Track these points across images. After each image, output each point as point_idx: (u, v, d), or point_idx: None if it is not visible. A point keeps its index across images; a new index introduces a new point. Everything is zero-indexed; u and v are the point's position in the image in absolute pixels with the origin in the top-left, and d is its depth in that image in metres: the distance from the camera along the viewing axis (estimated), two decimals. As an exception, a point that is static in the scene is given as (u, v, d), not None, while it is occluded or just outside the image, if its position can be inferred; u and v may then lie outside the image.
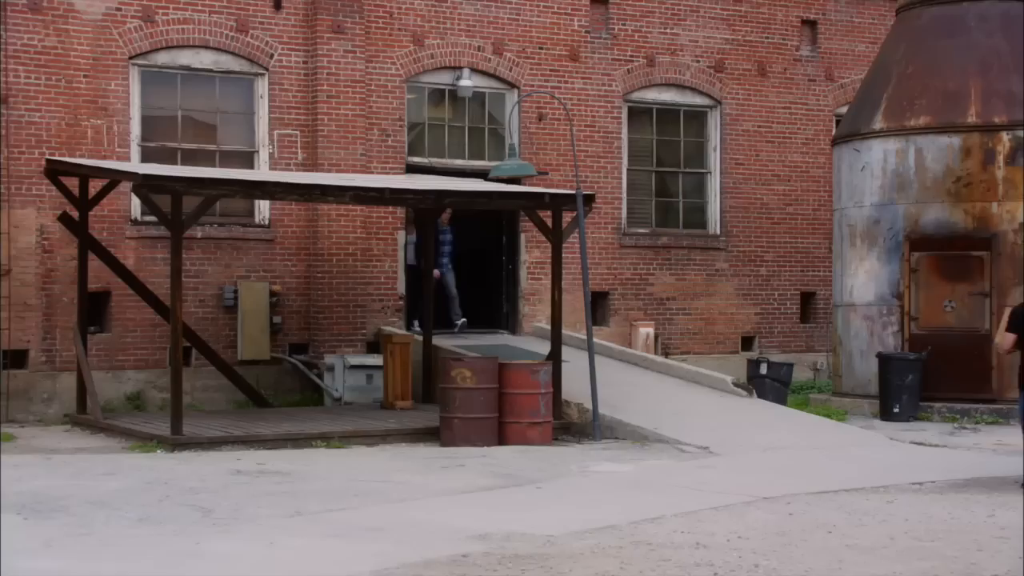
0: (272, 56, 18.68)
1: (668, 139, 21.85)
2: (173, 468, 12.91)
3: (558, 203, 16.26)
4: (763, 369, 18.18)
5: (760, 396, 17.75)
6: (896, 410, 17.55)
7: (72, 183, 16.53)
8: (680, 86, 21.78)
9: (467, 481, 12.36)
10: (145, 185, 14.29)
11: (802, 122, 22.76)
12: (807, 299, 22.81)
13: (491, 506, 10.97)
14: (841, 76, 23.03)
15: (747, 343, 22.19)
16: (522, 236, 20.30)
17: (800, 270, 22.74)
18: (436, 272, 19.03)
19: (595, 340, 19.13)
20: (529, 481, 12.45)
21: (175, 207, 14.34)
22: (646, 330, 20.83)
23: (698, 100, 22.01)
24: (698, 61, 21.87)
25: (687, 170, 22.00)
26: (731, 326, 22.05)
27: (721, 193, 22.14)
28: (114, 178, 15.73)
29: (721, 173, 22.14)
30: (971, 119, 17.94)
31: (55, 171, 16.30)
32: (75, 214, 16.55)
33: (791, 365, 18.97)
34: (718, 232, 22.12)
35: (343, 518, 10.28)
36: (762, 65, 22.42)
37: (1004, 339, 12.67)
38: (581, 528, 9.86)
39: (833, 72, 23.05)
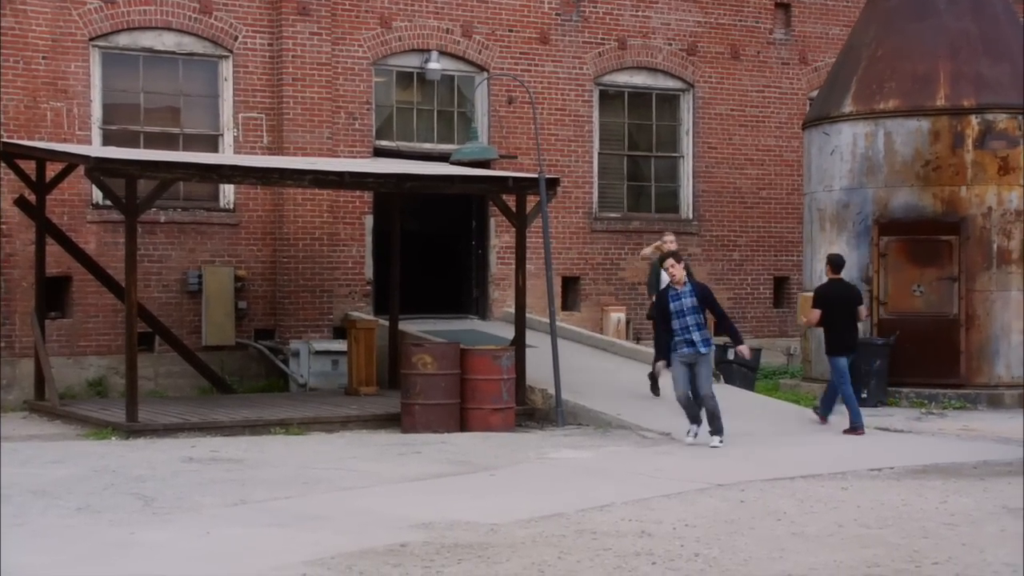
0: (236, 38, 18.47)
1: (640, 123, 21.68)
2: (124, 456, 12.75)
3: (522, 187, 16.09)
4: (730, 354, 18.01)
5: (727, 382, 17.62)
6: (864, 396, 17.37)
7: (29, 166, 16.32)
8: (652, 69, 21.61)
9: (421, 468, 12.21)
10: (98, 168, 14.09)
11: (775, 106, 22.61)
12: (780, 284, 22.69)
13: (440, 494, 10.82)
14: (815, 59, 22.87)
15: (716, 329, 21.97)
16: (491, 220, 20.13)
17: (773, 255, 22.60)
18: None
19: (564, 325, 19.09)
20: (484, 468, 12.31)
21: (129, 191, 14.14)
22: (617, 315, 20.68)
23: (670, 83, 21.83)
24: (670, 44, 21.69)
25: (659, 154, 21.83)
26: (704, 311, 21.83)
27: (694, 177, 21.98)
28: (68, 161, 15.53)
29: (694, 157, 21.98)
30: (940, 102, 17.78)
31: (10, 154, 16.09)
32: (32, 198, 16.34)
33: (759, 350, 18.83)
34: (691, 216, 21.96)
35: (287, 506, 10.13)
36: (735, 48, 22.24)
37: (811, 315, 15.47)
38: (528, 516, 9.72)
39: (807, 55, 22.89)
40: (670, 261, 13.97)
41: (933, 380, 17.56)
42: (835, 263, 15.59)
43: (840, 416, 15.24)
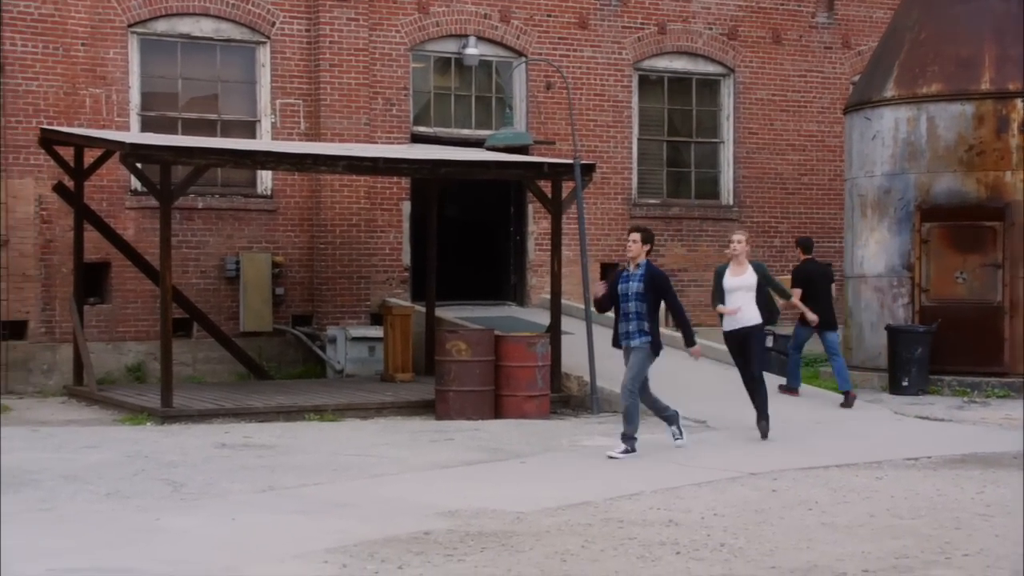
0: (274, 24, 18.47)
1: (680, 108, 21.51)
2: (157, 441, 12.78)
3: (557, 173, 15.99)
4: (768, 342, 17.82)
5: (766, 370, 17.36)
6: (905, 383, 17.21)
7: (68, 153, 16.40)
8: (692, 54, 21.42)
9: (451, 455, 12.16)
10: (132, 155, 14.13)
11: (818, 90, 22.35)
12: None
13: (468, 481, 10.76)
14: (859, 43, 22.58)
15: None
16: (529, 207, 20.03)
17: (816, 241, 22.28)
18: None
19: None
20: (515, 456, 12.24)
21: (164, 177, 14.17)
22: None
23: (711, 68, 21.63)
24: (711, 28, 21.48)
25: (699, 140, 21.65)
26: (740, 298, 21.66)
27: (734, 163, 21.79)
28: (103, 147, 15.59)
29: (734, 142, 21.78)
30: (984, 86, 17.49)
31: (49, 141, 16.17)
32: (71, 184, 16.42)
33: (797, 338, 18.57)
34: (731, 202, 21.77)
35: (315, 493, 10.11)
36: (777, 32, 22.00)
37: (794, 294, 15.68)
38: (555, 504, 9.65)
39: (850, 39, 22.60)
40: (632, 235, 12.41)
41: (976, 368, 17.31)
42: (805, 245, 16.84)
43: (882, 404, 15.06)
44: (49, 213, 17.17)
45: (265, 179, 18.47)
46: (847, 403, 15.76)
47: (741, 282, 13.28)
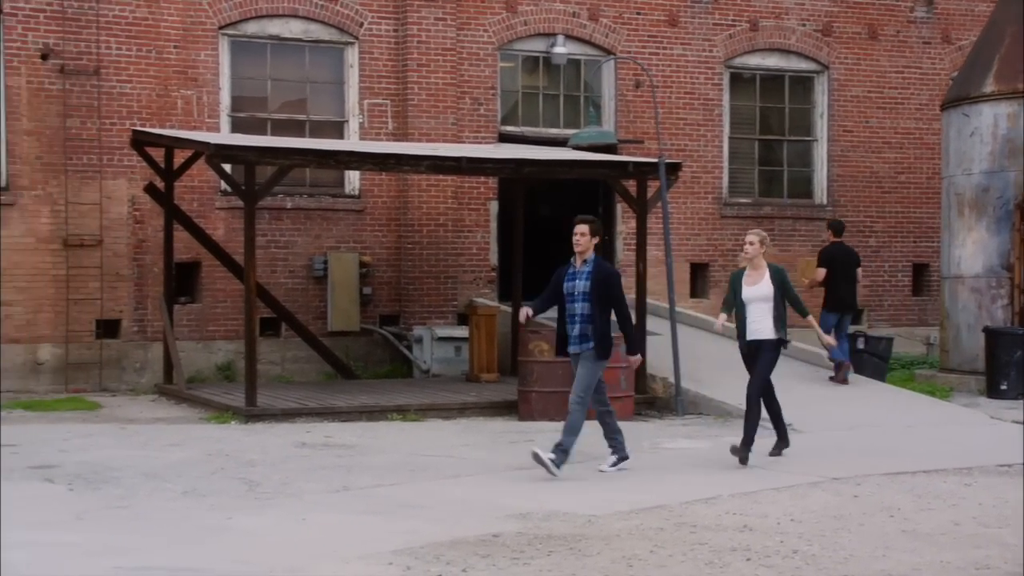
0: (362, 25, 18.53)
1: (772, 106, 21.18)
2: (239, 440, 12.88)
3: (642, 172, 15.82)
4: (860, 344, 17.49)
5: (857, 372, 17.08)
6: (1003, 387, 16.73)
7: (159, 154, 16.62)
8: (785, 51, 21.07)
9: (529, 457, 12.03)
10: (218, 155, 14.26)
11: (915, 87, 21.85)
12: (920, 271, 21.94)
13: (543, 483, 10.65)
14: (959, 38, 22.03)
15: (855, 316, 21.35)
16: (618, 207, 19.87)
17: (912, 241, 21.87)
18: None
19: (690, 312, 18.78)
20: (593, 457, 12.07)
21: (248, 177, 14.27)
22: (745, 303, 20.18)
23: (804, 65, 21.27)
24: (804, 25, 21.12)
25: (792, 138, 21.30)
26: (838, 298, 21.26)
27: (828, 161, 21.40)
28: (191, 148, 15.76)
29: (829, 141, 21.38)
30: (1087, 81, 16.95)
31: (140, 142, 16.40)
32: (161, 185, 16.63)
33: (891, 339, 18.21)
34: (825, 202, 21.38)
35: (388, 494, 10.09)
36: (873, 28, 21.56)
37: (818, 274, 16.55)
38: (628, 508, 9.50)
39: (950, 34, 22.07)
40: (579, 228, 11.09)
41: (1078, 372, 16.77)
42: (836, 228, 17.15)
43: (978, 408, 14.64)
44: (142, 213, 17.41)
45: (353, 179, 18.55)
46: (839, 377, 16.28)
47: (756, 292, 11.70)
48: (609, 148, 18.36)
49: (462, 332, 17.96)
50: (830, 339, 13.11)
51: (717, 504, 9.71)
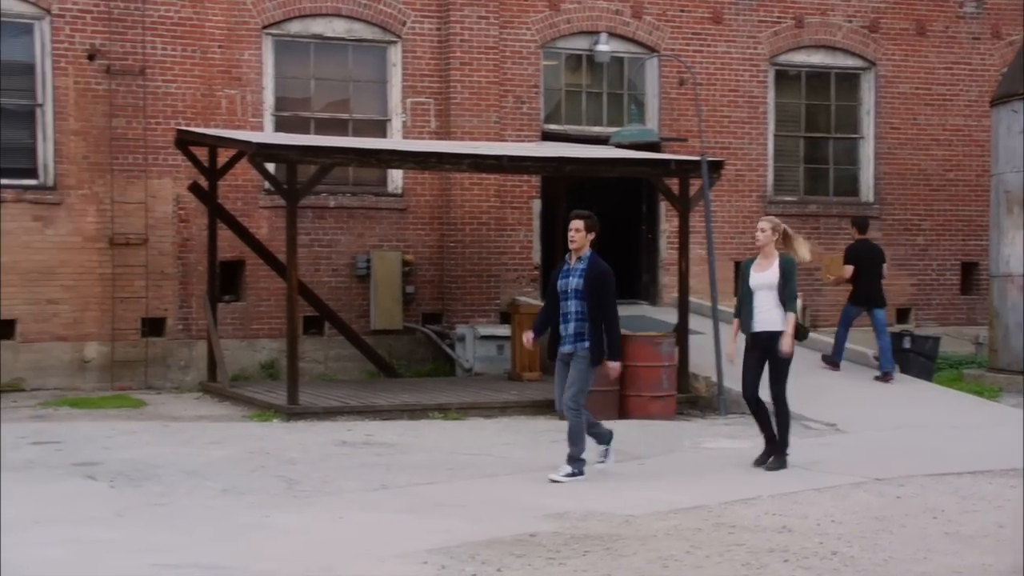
0: (405, 23, 18.55)
1: (818, 103, 20.99)
2: (280, 438, 12.92)
3: (685, 170, 15.73)
4: (906, 343, 17.31)
5: (903, 371, 16.91)
6: (1055, 389, 16.51)
7: (203, 153, 16.71)
8: (831, 48, 20.88)
9: (570, 456, 11.99)
10: (259, 154, 14.32)
11: (965, 83, 21.58)
12: (968, 269, 21.68)
13: (582, 483, 10.59)
14: (1009, 33, 21.74)
15: (902, 315, 21.22)
16: (661, 205, 19.75)
17: (961, 239, 21.61)
18: None
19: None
20: (634, 457, 12.05)
21: (290, 176, 14.32)
22: (793, 301, 20.02)
23: (850, 62, 21.07)
24: (850, 21, 20.92)
25: (838, 135, 21.11)
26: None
27: (875, 159, 21.18)
28: (233, 147, 15.82)
29: (875, 138, 21.17)
30: None
31: (184, 141, 16.49)
32: (205, 184, 16.72)
33: (937, 339, 18.00)
34: (872, 200, 21.18)
35: (426, 492, 10.08)
36: (921, 24, 21.32)
37: (845, 271, 16.70)
38: (667, 508, 9.45)
39: (1000, 29, 21.78)
40: (573, 223, 10.86)
41: None
42: (860, 225, 17.21)
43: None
44: (186, 212, 17.51)
45: (396, 178, 18.57)
46: (884, 379, 16.42)
47: (763, 280, 11.26)
48: (651, 146, 18.28)
49: (504, 331, 17.93)
50: (789, 347, 11.33)
51: (757, 505, 9.63)
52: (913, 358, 17.19)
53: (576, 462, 10.72)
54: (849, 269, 16.80)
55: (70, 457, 11.56)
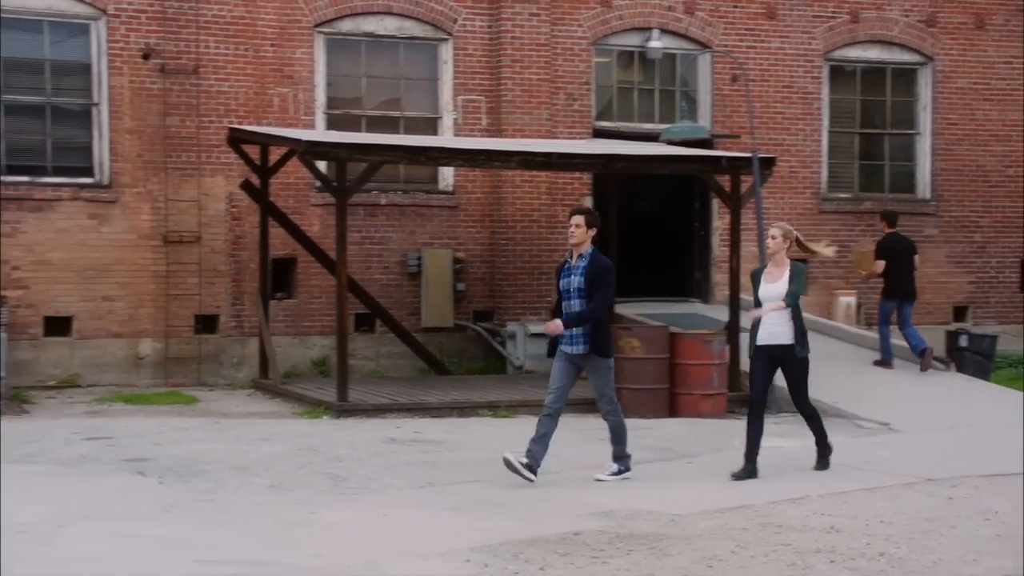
0: (456, 21, 18.55)
1: (873, 99, 20.75)
2: (329, 435, 12.96)
3: (736, 167, 15.61)
4: (962, 341, 17.09)
5: (960, 370, 16.70)
6: (1113, 387, 16.23)
7: (254, 151, 16.80)
8: (887, 43, 20.63)
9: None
10: (309, 152, 14.37)
11: (1025, 78, 21.28)
12: (1028, 267, 21.38)
13: (630, 481, 10.55)
14: (1071, 26, 21.40)
15: (960, 314, 20.94)
16: (714, 202, 19.60)
17: (1021, 236, 21.29)
18: None
19: (786, 309, 18.45)
20: (683, 456, 11.98)
21: (340, 173, 14.36)
22: (847, 299, 19.84)
23: (907, 57, 20.80)
24: (907, 16, 20.67)
25: (894, 131, 20.86)
26: (942, 296, 20.82)
27: (932, 155, 20.91)
28: (284, 145, 15.88)
29: (932, 134, 20.90)
30: None
31: (236, 139, 16.59)
32: (257, 182, 16.81)
33: (995, 337, 17.75)
34: (928, 196, 20.91)
35: (472, 491, 10.07)
36: (980, 18, 21.02)
37: (876, 265, 16.79)
38: (714, 507, 9.38)
39: (1062, 22, 21.44)
40: (574, 219, 10.47)
41: None
42: (889, 218, 17.32)
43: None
44: (239, 210, 17.60)
45: (447, 175, 18.58)
46: (925, 363, 16.44)
47: (773, 291, 10.81)
48: (703, 143, 18.17)
49: (556, 328, 17.84)
50: (758, 312, 10.91)
51: (805, 504, 9.53)
52: (969, 357, 16.97)
53: (622, 459, 10.68)
54: (881, 264, 16.85)
55: (121, 453, 11.66)
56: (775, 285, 10.81)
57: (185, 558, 7.60)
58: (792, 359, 10.81)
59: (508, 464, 10.23)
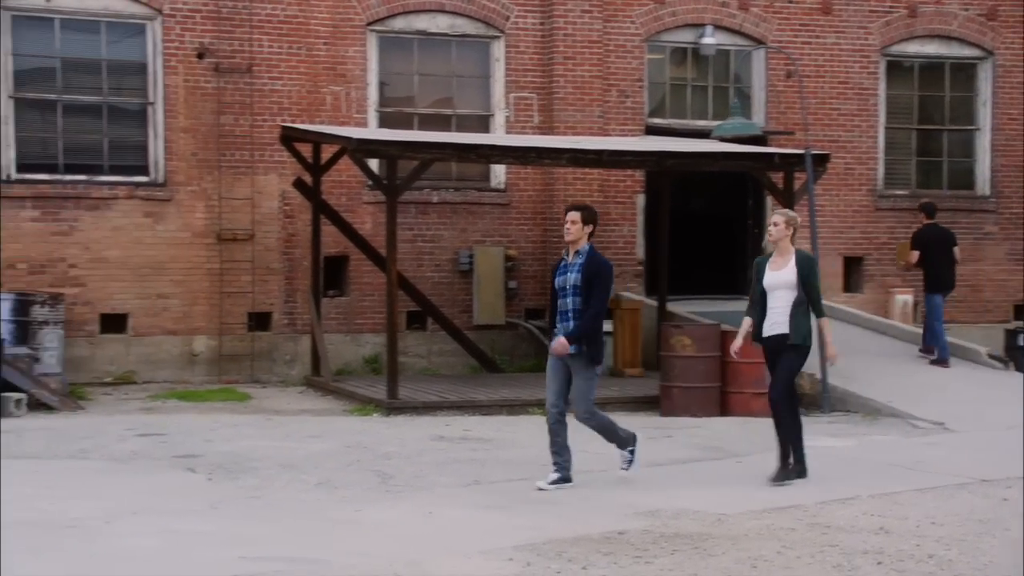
0: (508, 18, 18.53)
1: (931, 94, 20.49)
2: (379, 432, 12.98)
3: (789, 164, 15.46)
4: (1021, 340, 16.84)
5: (1018, 369, 16.45)
6: None
7: (307, 149, 16.87)
8: (946, 37, 20.37)
9: (667, 453, 11.90)
10: (360, 150, 14.40)
11: (1088, 72, 20.91)
12: (1092, 265, 21.01)
13: (677, 480, 10.49)
14: None
15: (1020, 312, 20.62)
16: (768, 200, 19.43)
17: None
18: None
19: (841, 307, 18.37)
20: (732, 455, 11.89)
21: (390, 171, 14.38)
22: (903, 298, 19.62)
23: (966, 52, 20.53)
24: (966, 10, 20.39)
25: (953, 127, 20.59)
26: (1001, 293, 20.54)
27: (992, 151, 20.62)
28: (335, 143, 15.92)
29: (992, 130, 20.61)
30: None
31: (289, 137, 16.67)
32: (310, 180, 16.88)
33: (1054, 336, 17.49)
34: (988, 193, 20.62)
35: (517, 489, 10.03)
36: (1041, 11, 20.71)
37: (911, 256, 16.82)
38: (761, 507, 9.29)
39: None
40: (570, 215, 10.17)
41: None
42: (928, 210, 17.22)
43: None
44: (292, 208, 17.69)
45: (498, 173, 18.56)
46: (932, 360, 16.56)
47: (779, 279, 10.34)
48: (755, 139, 18.03)
49: (607, 326, 17.74)
50: (834, 352, 11.05)
51: (854, 505, 9.42)
52: (1029, 356, 16.73)
53: (624, 445, 10.26)
54: (915, 255, 16.83)
55: (172, 449, 11.75)
56: (781, 273, 10.39)
57: (231, 554, 7.63)
58: (786, 347, 10.36)
59: (543, 490, 9.90)
